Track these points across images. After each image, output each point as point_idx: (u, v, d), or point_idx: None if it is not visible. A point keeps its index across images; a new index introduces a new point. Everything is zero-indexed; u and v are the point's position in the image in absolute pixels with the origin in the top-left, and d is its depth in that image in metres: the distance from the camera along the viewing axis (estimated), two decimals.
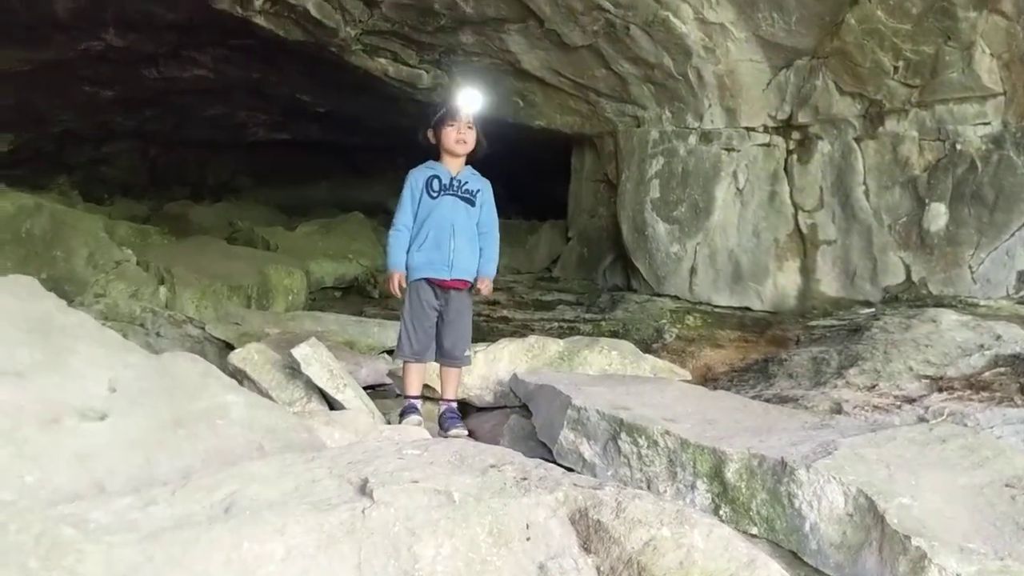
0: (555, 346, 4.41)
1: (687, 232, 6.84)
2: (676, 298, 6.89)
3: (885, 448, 2.89)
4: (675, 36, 6.34)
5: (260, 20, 7.32)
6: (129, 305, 5.93)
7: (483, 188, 4.11)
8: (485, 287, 4.08)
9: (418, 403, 3.95)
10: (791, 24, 6.00)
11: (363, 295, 9.12)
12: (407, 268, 3.97)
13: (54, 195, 11.74)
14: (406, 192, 4.02)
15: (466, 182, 4.05)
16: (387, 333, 6.32)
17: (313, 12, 7.00)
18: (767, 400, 4.43)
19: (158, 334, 5.85)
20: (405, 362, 3.98)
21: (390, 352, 6.31)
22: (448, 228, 3.93)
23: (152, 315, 5.90)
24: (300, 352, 3.71)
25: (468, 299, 4.08)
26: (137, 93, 11.00)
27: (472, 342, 6.37)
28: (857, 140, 6.20)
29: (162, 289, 7.17)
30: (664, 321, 6.50)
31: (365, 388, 5.37)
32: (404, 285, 3.95)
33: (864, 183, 6.15)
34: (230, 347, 6.03)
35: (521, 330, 7.18)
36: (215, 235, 10.91)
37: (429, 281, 3.95)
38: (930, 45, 5.70)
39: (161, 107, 11.96)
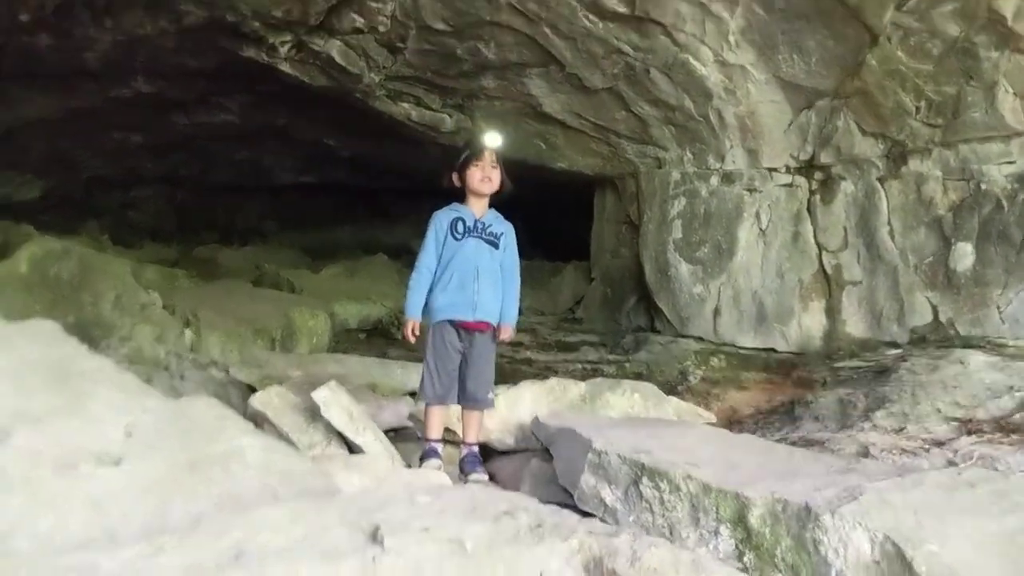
0: (577, 388, 4.38)
1: (710, 273, 6.81)
2: (700, 339, 6.84)
3: (913, 493, 2.83)
4: (695, 78, 6.36)
5: (286, 67, 7.43)
6: (154, 349, 5.97)
7: (507, 231, 4.11)
8: (507, 334, 4.07)
9: (439, 447, 3.92)
10: (811, 65, 6.00)
11: (387, 337, 9.12)
12: (430, 310, 3.96)
13: (84, 239, 11.92)
14: (430, 234, 4.01)
15: (490, 225, 4.05)
16: (410, 375, 6.31)
17: (337, 59, 7.10)
18: (793, 443, 4.37)
19: (182, 377, 5.87)
20: (427, 405, 3.96)
21: (413, 394, 6.28)
22: (472, 270, 3.92)
23: (177, 359, 5.94)
24: (320, 396, 3.70)
25: (491, 341, 4.05)
26: (165, 138, 11.16)
27: (494, 384, 6.33)
28: (880, 180, 6.16)
29: (188, 332, 7.20)
30: (688, 363, 6.45)
31: (387, 431, 5.33)
32: (417, 333, 3.93)
33: (889, 223, 6.10)
34: (253, 390, 6.02)
35: (544, 372, 7.15)
36: (242, 278, 10.97)
37: (453, 323, 3.93)
38: (952, 85, 5.67)
39: (188, 152, 12.13)
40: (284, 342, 7.78)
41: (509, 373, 7.20)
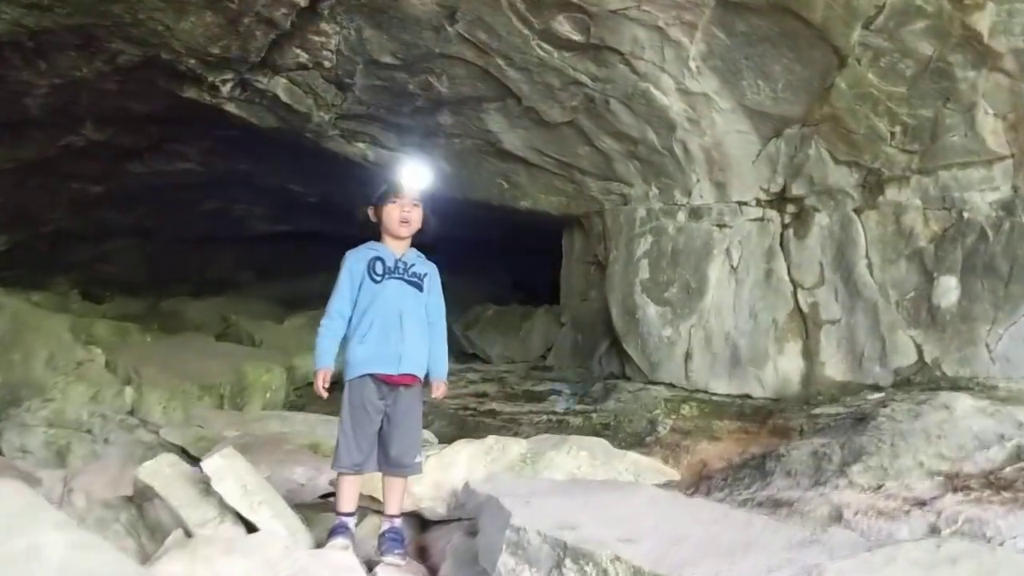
0: (517, 447, 3.93)
1: (680, 314, 6.38)
2: (671, 386, 6.39)
3: (883, 574, 2.38)
4: (656, 108, 6.00)
5: (231, 108, 7.07)
6: (77, 411, 5.52)
7: (430, 272, 3.71)
8: (441, 391, 3.67)
9: (351, 521, 3.47)
10: (777, 91, 5.63)
11: None
12: (347, 364, 3.52)
13: (49, 295, 11.56)
14: (344, 275, 3.59)
15: (412, 264, 3.65)
16: None
17: (283, 97, 6.74)
18: (760, 504, 3.92)
19: (107, 441, 5.44)
20: (340, 474, 3.50)
21: None
22: (395, 316, 3.50)
23: (101, 420, 5.50)
24: (211, 465, 3.26)
25: (418, 397, 3.61)
26: (127, 189, 10.83)
27: (455, 439, 5.89)
28: (857, 211, 5.77)
29: (128, 390, 6.77)
30: (658, 411, 6.00)
31: (326, 496, 4.92)
32: (327, 385, 3.50)
33: (867, 257, 5.70)
34: (187, 453, 5.60)
35: (509, 424, 6.71)
36: (209, 331, 10.65)
37: (374, 378, 3.48)
38: (928, 108, 5.30)
39: (154, 203, 11.77)
40: (234, 399, 7.34)
41: (472, 427, 6.78)
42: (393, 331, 3.47)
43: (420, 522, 3.91)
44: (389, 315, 3.48)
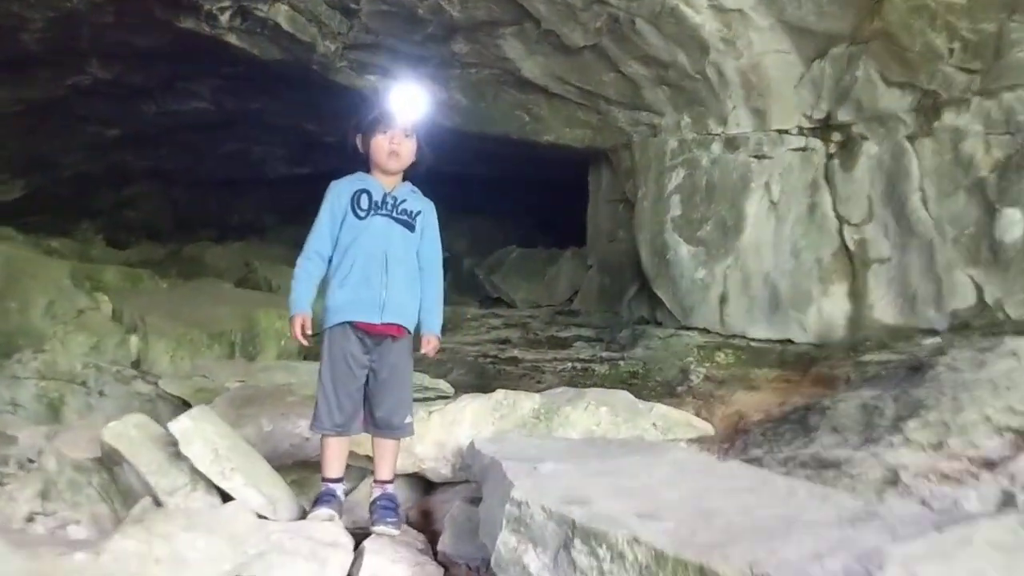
0: (529, 403, 3.52)
1: (715, 255, 5.91)
2: (705, 331, 5.94)
3: (957, 562, 1.95)
4: (687, 28, 5.46)
5: (233, 39, 6.64)
6: (70, 362, 5.19)
7: (425, 210, 3.26)
8: (431, 347, 3.23)
9: (338, 488, 3.09)
10: (822, 5, 5.08)
11: None
12: (325, 310, 3.13)
13: (68, 241, 11.36)
14: (324, 209, 3.18)
15: (403, 200, 3.20)
16: None
17: (285, 26, 6.29)
18: (803, 463, 3.49)
19: (101, 393, 5.12)
20: (323, 436, 3.11)
21: None
22: (380, 257, 3.09)
23: (96, 371, 5.17)
24: (179, 427, 2.90)
25: (407, 350, 3.18)
26: (142, 130, 10.66)
27: (475, 389, 5.51)
28: (910, 139, 5.22)
29: (133, 339, 6.44)
30: (690, 359, 5.58)
31: None
32: (309, 331, 3.10)
33: (921, 189, 5.16)
34: (188, 405, 5.29)
35: (531, 372, 6.34)
36: (230, 277, 10.39)
37: (355, 327, 3.07)
38: (991, 22, 4.73)
39: (172, 145, 11.62)
40: (246, 347, 6.99)
41: (493, 375, 6.42)
42: (376, 274, 3.07)
43: (424, 484, 3.55)
44: (372, 256, 3.09)
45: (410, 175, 3.30)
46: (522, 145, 7.46)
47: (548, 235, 12.28)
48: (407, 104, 3.24)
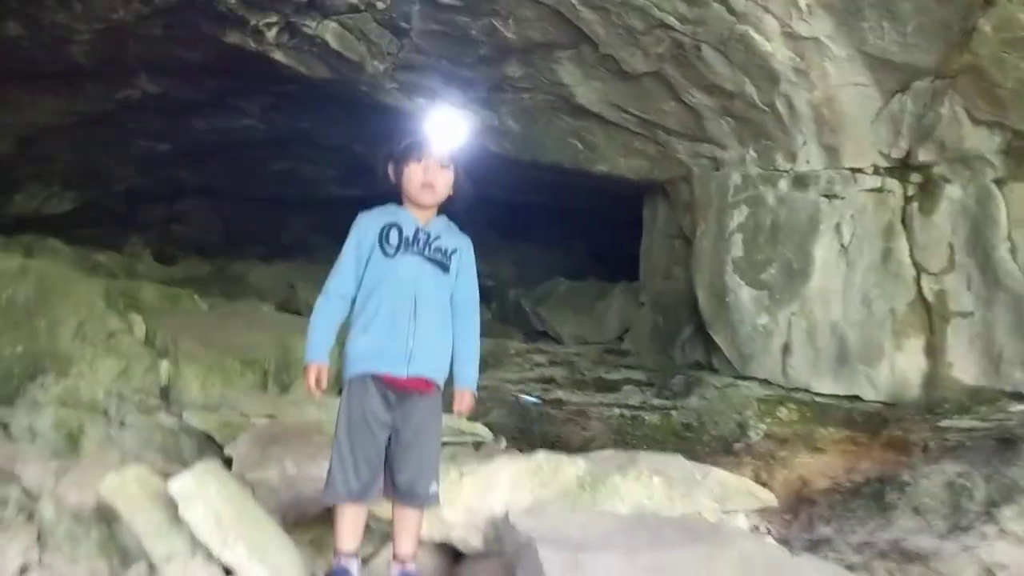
0: (573, 469, 3.14)
1: (778, 300, 5.50)
2: (765, 382, 5.55)
3: None
4: (757, 56, 5.09)
5: (279, 56, 6.43)
6: (92, 389, 4.94)
7: (461, 248, 2.87)
8: (466, 405, 2.85)
9: (353, 564, 2.73)
10: (906, 36, 4.68)
11: None
12: (346, 358, 2.76)
13: (114, 255, 11.34)
14: (349, 245, 2.80)
15: (437, 237, 2.82)
16: None
17: (333, 44, 6.05)
18: (883, 553, 3.08)
19: (122, 424, 4.84)
20: (338, 505, 2.77)
21: None
22: (408, 300, 2.72)
23: (118, 400, 4.91)
24: (180, 487, 2.57)
25: (436, 408, 2.80)
26: (193, 146, 10.68)
27: (516, 433, 5.17)
28: (998, 183, 4.82)
29: (164, 364, 6.19)
30: (749, 413, 5.18)
31: None
32: (324, 385, 2.77)
33: (1010, 239, 4.74)
34: (212, 440, 5.01)
35: (576, 417, 5.97)
36: (272, 298, 10.24)
37: (378, 380, 2.71)
38: None
39: (223, 162, 11.59)
40: (279, 375, 6.70)
41: (534, 418, 6.07)
42: (403, 320, 2.71)
43: (451, 555, 3.19)
44: (400, 299, 2.72)
45: (446, 209, 2.95)
46: (574, 174, 7.14)
47: (600, 266, 11.93)
48: (445, 131, 2.89)
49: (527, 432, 5.87)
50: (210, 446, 4.94)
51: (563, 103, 6.34)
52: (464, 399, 2.84)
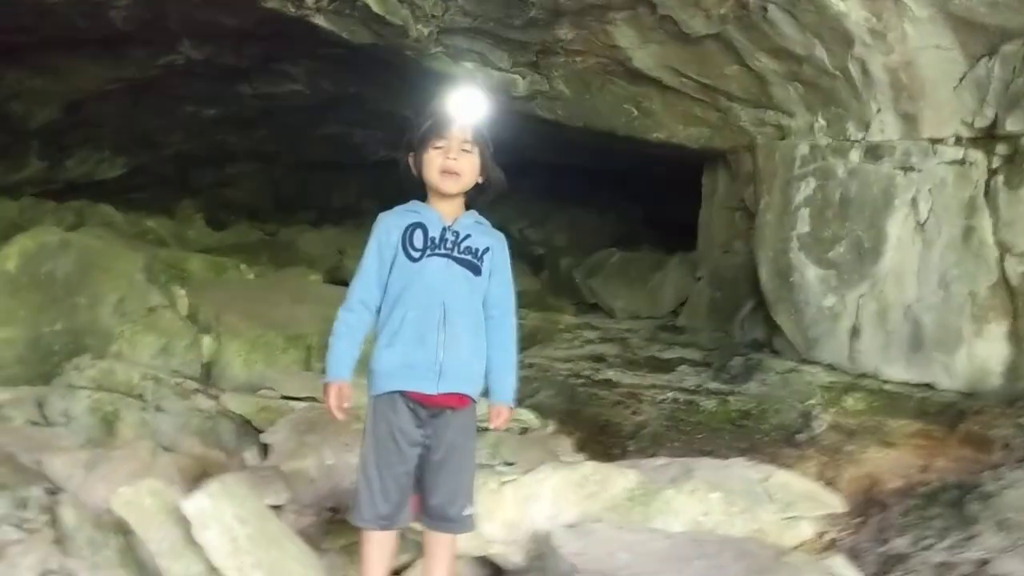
0: (623, 481, 2.88)
1: (847, 280, 5.14)
2: (831, 367, 5.20)
3: None
4: (829, 17, 4.69)
5: (320, 20, 6.18)
6: (128, 372, 4.79)
7: (493, 246, 2.60)
8: (502, 419, 2.64)
9: None
10: None
11: None
12: (371, 374, 2.56)
13: (166, 221, 11.36)
14: (371, 249, 2.57)
15: (467, 235, 2.56)
16: None
17: (374, 7, 5.76)
18: None
19: (158, 408, 4.69)
20: (364, 530, 2.53)
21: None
22: (437, 308, 2.49)
23: (155, 383, 4.76)
24: (193, 507, 2.38)
25: (470, 425, 2.59)
26: (240, 112, 10.62)
27: (563, 415, 5.00)
28: None
29: (206, 340, 6.06)
30: (813, 401, 4.87)
31: None
32: (347, 405, 2.54)
33: None
34: (250, 424, 4.85)
35: (626, 400, 5.71)
36: (321, 265, 10.14)
37: (406, 397, 2.49)
38: None
39: (271, 127, 11.51)
40: (323, 352, 6.54)
41: (583, 400, 5.83)
42: (432, 331, 2.48)
43: (491, 570, 2.97)
44: (428, 307, 2.49)
45: (476, 199, 2.66)
46: (629, 142, 6.81)
47: (656, 233, 11.57)
48: (465, 107, 2.58)
49: (575, 415, 5.63)
50: (248, 431, 4.79)
51: (618, 67, 6.00)
52: (501, 415, 2.61)
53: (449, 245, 2.50)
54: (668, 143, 6.43)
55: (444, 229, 2.51)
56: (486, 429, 2.84)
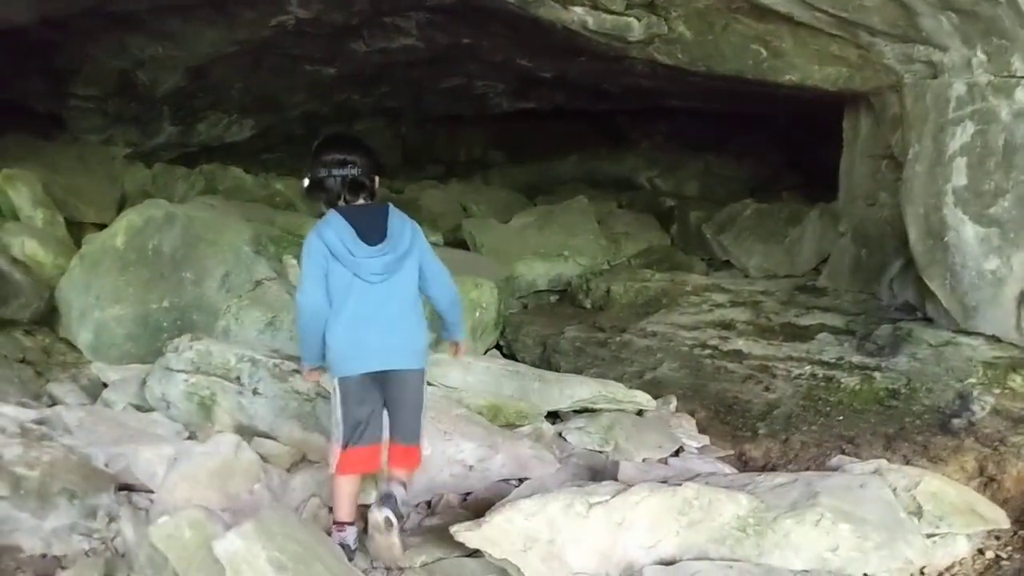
0: (732, 507, 2.45)
1: (1013, 240, 4.44)
2: (994, 340, 4.53)
3: None
4: None
5: None
6: (223, 353, 4.64)
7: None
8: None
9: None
10: None
11: (575, 305, 7.43)
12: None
13: (298, 182, 11.43)
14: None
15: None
16: (551, 391, 4.63)
17: None
18: None
19: (255, 392, 4.52)
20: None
21: (554, 415, 4.70)
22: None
23: (251, 365, 4.58)
24: (225, 549, 2.10)
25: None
26: (359, 69, 10.44)
27: (687, 390, 5.17)
28: None
29: None
30: (973, 380, 4.27)
31: (499, 481, 3.94)
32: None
33: None
34: None
35: (757, 374, 5.23)
36: (444, 224, 9.99)
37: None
38: None
39: (392, 82, 11.37)
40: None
41: (711, 372, 5.38)
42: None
43: None
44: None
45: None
46: (759, 85, 6.17)
47: (797, 177, 10.79)
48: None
49: (700, 391, 5.18)
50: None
51: (743, 3, 5.37)
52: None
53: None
54: (802, 85, 5.75)
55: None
56: None
